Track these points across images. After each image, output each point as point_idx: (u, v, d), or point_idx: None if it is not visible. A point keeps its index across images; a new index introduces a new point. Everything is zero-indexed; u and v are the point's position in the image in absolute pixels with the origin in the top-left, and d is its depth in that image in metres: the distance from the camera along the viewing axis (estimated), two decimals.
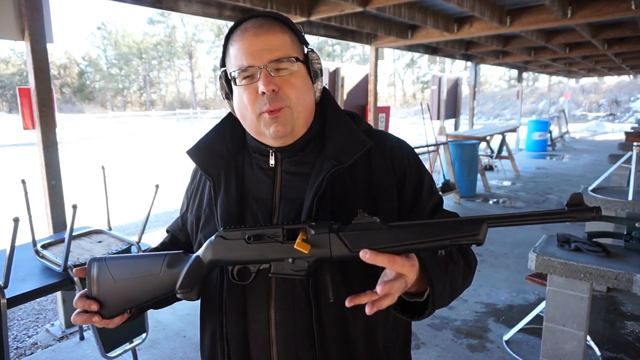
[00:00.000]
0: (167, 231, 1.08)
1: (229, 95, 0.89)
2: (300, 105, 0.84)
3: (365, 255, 0.67)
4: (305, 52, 0.88)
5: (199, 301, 0.96)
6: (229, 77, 0.85)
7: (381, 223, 0.71)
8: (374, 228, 0.71)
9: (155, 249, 1.03)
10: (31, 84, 2.78)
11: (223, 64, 0.88)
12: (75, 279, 2.01)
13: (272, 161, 0.89)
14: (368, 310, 0.67)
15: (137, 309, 0.87)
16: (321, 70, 0.89)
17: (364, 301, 0.68)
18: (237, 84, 0.83)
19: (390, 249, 0.69)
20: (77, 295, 0.82)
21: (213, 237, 0.80)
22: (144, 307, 0.91)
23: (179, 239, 1.04)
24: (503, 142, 7.96)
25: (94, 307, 0.80)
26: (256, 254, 0.76)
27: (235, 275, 0.81)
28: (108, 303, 0.81)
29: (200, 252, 0.81)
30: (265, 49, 0.81)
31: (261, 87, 0.80)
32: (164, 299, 0.92)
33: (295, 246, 0.72)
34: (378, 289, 0.67)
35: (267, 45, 0.81)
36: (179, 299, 0.96)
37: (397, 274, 0.69)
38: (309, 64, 0.87)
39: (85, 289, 0.83)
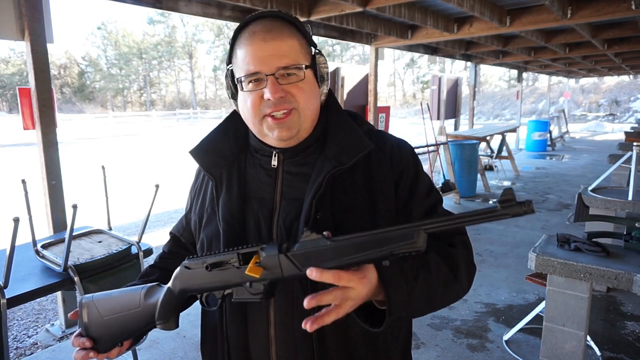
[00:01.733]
0: (171, 233, 1.09)
1: (234, 95, 0.89)
2: (307, 110, 0.84)
3: (312, 274, 0.68)
4: (313, 53, 0.87)
5: (198, 301, 0.96)
6: (236, 80, 0.85)
7: (326, 239, 0.72)
8: (319, 245, 0.72)
9: (151, 266, 1.04)
10: (31, 84, 2.78)
11: (229, 61, 0.87)
12: (76, 279, 2.01)
13: (274, 162, 0.89)
14: (308, 327, 0.68)
15: (133, 338, 0.90)
16: (328, 73, 0.89)
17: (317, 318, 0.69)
18: (244, 88, 0.83)
19: (335, 264, 0.70)
20: (73, 335, 0.87)
21: (178, 268, 0.82)
22: (138, 337, 0.93)
23: (182, 240, 1.05)
24: (503, 142, 7.96)
25: (88, 344, 0.84)
26: (217, 281, 0.79)
27: (204, 302, 0.83)
28: (100, 339, 0.86)
29: (169, 283, 0.84)
30: (273, 55, 0.80)
31: (267, 94, 0.80)
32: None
33: (246, 272, 0.74)
34: (305, 302, 0.68)
35: (275, 51, 0.80)
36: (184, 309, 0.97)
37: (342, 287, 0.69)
38: (316, 68, 0.87)
39: (80, 329, 0.87)
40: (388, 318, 0.73)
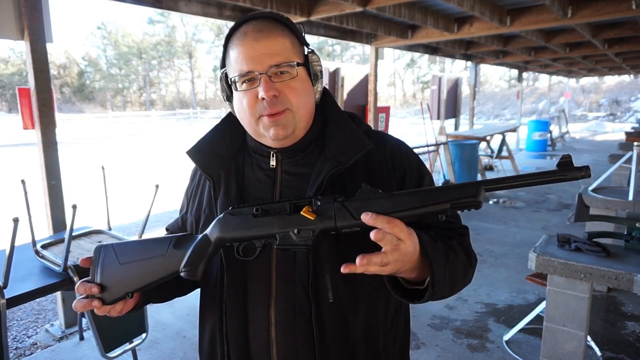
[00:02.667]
0: (167, 229, 1.08)
1: (229, 97, 0.89)
2: (302, 109, 0.84)
3: (367, 217, 0.69)
4: (306, 52, 0.87)
5: (198, 301, 0.96)
6: (229, 81, 0.85)
7: (383, 192, 0.73)
8: (377, 197, 0.73)
9: None
10: (31, 84, 2.78)
11: (223, 64, 0.88)
12: (75, 278, 2.01)
13: (272, 162, 0.89)
14: (345, 269, 0.69)
15: (140, 297, 0.87)
16: (321, 71, 0.89)
17: (363, 265, 0.69)
18: (238, 89, 0.84)
19: (392, 214, 0.71)
20: (79, 282, 0.82)
21: (221, 215, 0.81)
22: (146, 298, 0.91)
23: None
24: (503, 142, 7.96)
25: (95, 289, 0.80)
26: (262, 228, 0.77)
27: (240, 252, 0.82)
28: (110, 286, 0.81)
29: (207, 230, 0.82)
30: (265, 54, 0.80)
31: (261, 93, 0.80)
32: (167, 291, 0.93)
33: (301, 212, 0.73)
34: (357, 260, 0.68)
35: (267, 50, 0.81)
36: (180, 295, 0.95)
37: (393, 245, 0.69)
38: (309, 66, 0.87)
39: (88, 277, 0.83)
40: (431, 289, 0.76)
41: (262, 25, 0.83)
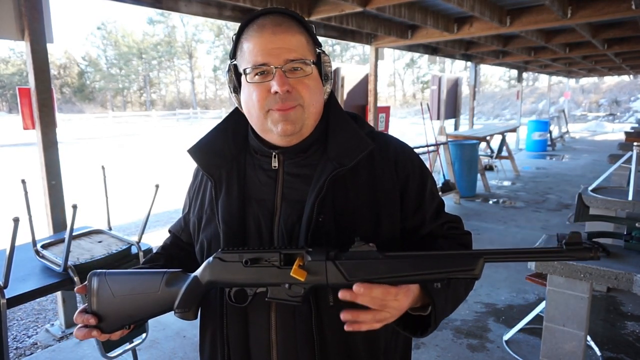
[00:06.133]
0: (170, 231, 1.08)
1: (237, 88, 0.88)
2: (312, 107, 0.84)
3: (359, 289, 0.69)
4: (317, 52, 0.87)
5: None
6: (239, 71, 0.84)
7: (378, 252, 0.71)
8: (371, 257, 0.71)
9: (157, 253, 1.03)
10: (31, 84, 2.78)
11: (233, 55, 0.87)
12: (76, 278, 2.00)
13: (274, 163, 0.88)
14: (342, 317, 0.71)
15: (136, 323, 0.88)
16: (332, 72, 0.89)
17: (361, 318, 0.71)
18: (249, 80, 0.82)
19: (386, 279, 0.70)
20: (77, 311, 0.83)
21: (211, 259, 0.80)
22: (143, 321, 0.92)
23: (181, 239, 1.04)
24: (503, 142, 7.96)
25: (92, 321, 0.81)
26: (253, 278, 0.77)
27: (232, 298, 0.81)
28: (107, 318, 0.82)
29: (198, 272, 0.81)
30: (283, 48, 0.80)
31: (275, 87, 0.79)
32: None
33: (291, 274, 0.72)
34: (342, 315, 0.71)
35: (285, 44, 0.80)
36: None
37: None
38: (321, 66, 0.87)
39: (86, 305, 0.84)
40: (433, 325, 0.76)
41: (280, 20, 0.82)
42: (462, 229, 0.94)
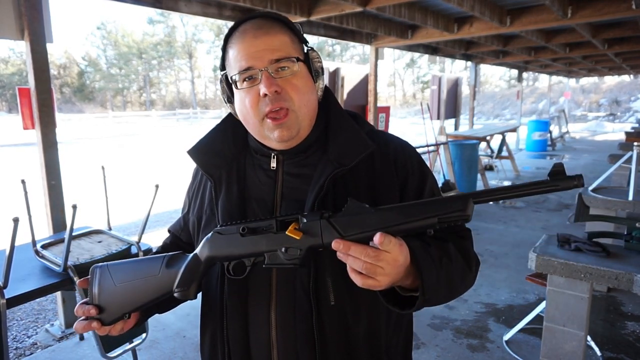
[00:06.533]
0: (169, 231, 1.08)
1: (230, 98, 0.88)
2: (304, 107, 0.84)
3: (339, 246, 0.69)
4: (305, 50, 0.87)
5: (199, 302, 0.96)
6: (230, 81, 0.85)
7: (370, 207, 0.72)
8: (363, 212, 0.72)
9: (157, 252, 1.03)
10: (31, 84, 2.78)
11: (223, 67, 0.87)
12: (75, 278, 2.00)
13: (273, 164, 0.88)
14: (333, 245, 0.71)
15: (140, 314, 0.88)
16: (322, 68, 0.89)
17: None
18: (239, 87, 0.83)
19: (379, 230, 0.70)
20: (78, 304, 0.84)
21: (210, 234, 0.81)
22: (146, 313, 0.91)
23: (181, 239, 1.04)
24: (503, 142, 7.96)
25: (93, 311, 0.82)
26: (250, 247, 0.77)
27: (231, 271, 0.82)
28: (108, 307, 0.82)
29: (197, 249, 0.82)
30: (265, 50, 0.80)
31: (263, 89, 0.79)
32: (166, 303, 0.92)
33: (287, 232, 0.73)
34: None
35: (267, 46, 0.80)
36: (180, 302, 0.95)
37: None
38: (310, 63, 0.86)
39: (87, 298, 0.84)
40: (421, 298, 0.74)
41: (261, 23, 0.83)
42: (462, 226, 0.94)
